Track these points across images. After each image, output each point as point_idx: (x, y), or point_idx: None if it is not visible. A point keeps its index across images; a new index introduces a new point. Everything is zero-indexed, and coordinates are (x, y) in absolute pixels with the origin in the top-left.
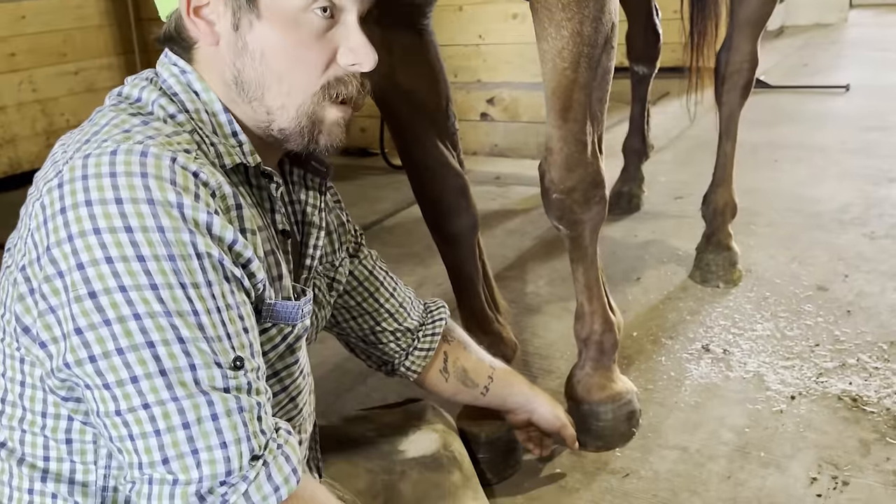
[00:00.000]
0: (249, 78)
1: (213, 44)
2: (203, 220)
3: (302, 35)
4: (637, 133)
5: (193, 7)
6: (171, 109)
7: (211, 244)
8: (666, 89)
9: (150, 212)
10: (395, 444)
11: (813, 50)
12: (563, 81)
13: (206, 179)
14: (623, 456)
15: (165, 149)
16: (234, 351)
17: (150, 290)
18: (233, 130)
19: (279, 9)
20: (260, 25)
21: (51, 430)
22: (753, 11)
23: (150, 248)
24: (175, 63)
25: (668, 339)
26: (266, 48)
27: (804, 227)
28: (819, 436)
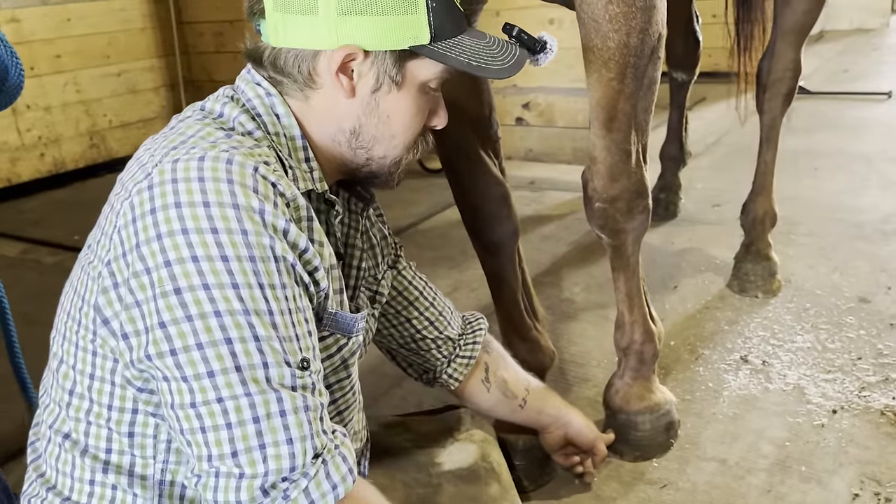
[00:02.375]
0: (368, 133)
1: (346, 98)
2: (281, 226)
3: (422, 104)
4: (675, 139)
5: (342, 64)
6: (249, 126)
7: (287, 249)
8: (703, 94)
9: (234, 215)
10: (432, 456)
11: (854, 56)
12: (609, 92)
13: (284, 190)
14: (660, 467)
15: (249, 158)
16: (302, 352)
17: (232, 288)
18: (307, 157)
19: (416, 81)
20: (396, 92)
21: (115, 422)
22: (798, 19)
23: (233, 248)
24: (259, 83)
25: (706, 350)
26: (393, 112)
27: (845, 237)
28: (861, 451)
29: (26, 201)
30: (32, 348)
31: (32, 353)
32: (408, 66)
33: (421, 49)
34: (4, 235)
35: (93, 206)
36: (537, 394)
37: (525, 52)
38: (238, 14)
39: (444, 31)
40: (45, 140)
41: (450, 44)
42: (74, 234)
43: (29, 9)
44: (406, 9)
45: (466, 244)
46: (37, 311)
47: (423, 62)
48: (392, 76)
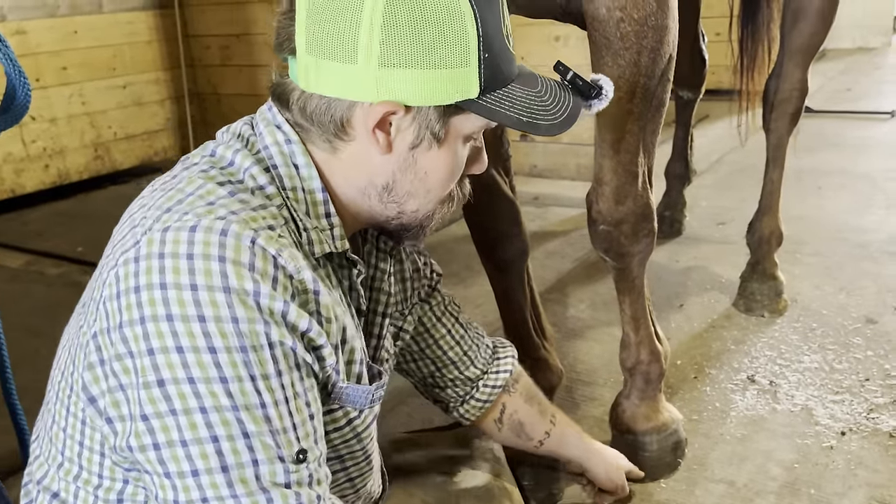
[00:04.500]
0: (402, 188)
1: (381, 154)
2: (279, 308)
3: (461, 158)
4: (680, 157)
5: (381, 119)
6: (261, 180)
7: (285, 333)
8: (706, 112)
9: (224, 301)
10: (449, 474)
11: (856, 75)
12: (618, 112)
13: (286, 263)
14: (668, 488)
15: (247, 226)
16: (299, 442)
17: (220, 383)
18: (327, 211)
19: (459, 135)
20: (436, 150)
21: (105, 490)
22: (805, 40)
23: (222, 339)
24: (280, 126)
25: (713, 369)
26: (432, 168)
27: (851, 256)
28: (871, 474)
29: (30, 212)
30: (39, 363)
31: (40, 369)
32: (452, 121)
33: (468, 104)
34: (8, 247)
35: (97, 218)
36: (558, 437)
37: (578, 100)
38: (244, 28)
39: (495, 82)
40: (49, 151)
41: (499, 96)
42: (78, 245)
43: (35, 21)
44: (456, 62)
45: (472, 260)
46: (43, 323)
47: (470, 116)
48: (434, 132)
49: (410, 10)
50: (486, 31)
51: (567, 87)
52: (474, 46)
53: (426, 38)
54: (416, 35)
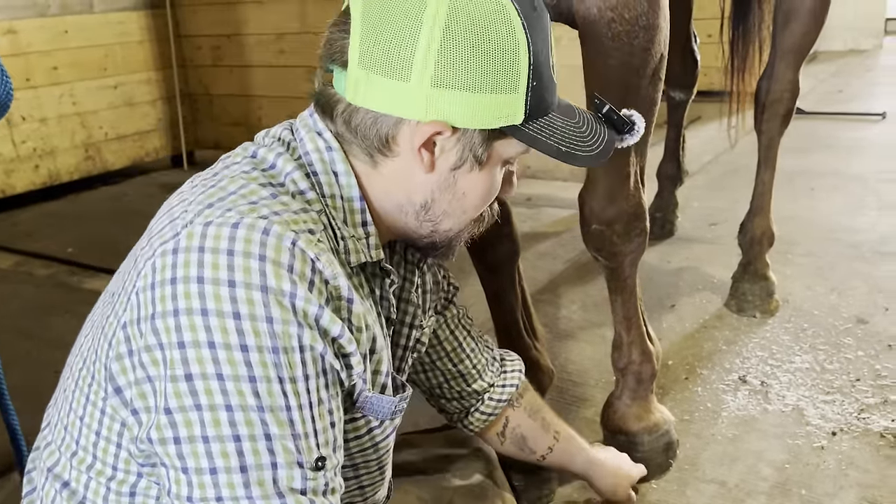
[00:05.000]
0: (440, 207)
1: (424, 172)
2: (313, 312)
3: (497, 182)
4: (672, 158)
5: (427, 140)
6: (302, 185)
7: (316, 337)
8: (698, 113)
9: (261, 300)
10: (443, 472)
11: (847, 77)
12: None
13: (323, 268)
14: (659, 488)
15: (289, 227)
16: (319, 449)
17: (248, 382)
18: (363, 220)
19: (500, 159)
20: (477, 173)
21: (118, 482)
22: (796, 41)
23: (255, 337)
24: (321, 133)
25: (705, 370)
26: (470, 190)
27: (843, 257)
28: (861, 474)
29: (20, 213)
30: (29, 364)
31: (29, 370)
32: (495, 145)
33: (512, 130)
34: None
35: (87, 219)
36: (561, 452)
37: (612, 133)
38: (235, 29)
39: (538, 111)
40: (39, 152)
41: (541, 124)
42: (68, 246)
43: (26, 20)
44: (506, 88)
45: (462, 260)
46: (33, 325)
47: (511, 142)
48: (477, 155)
49: (469, 33)
50: (538, 60)
51: (601, 120)
52: (525, 74)
53: (481, 62)
54: (471, 58)
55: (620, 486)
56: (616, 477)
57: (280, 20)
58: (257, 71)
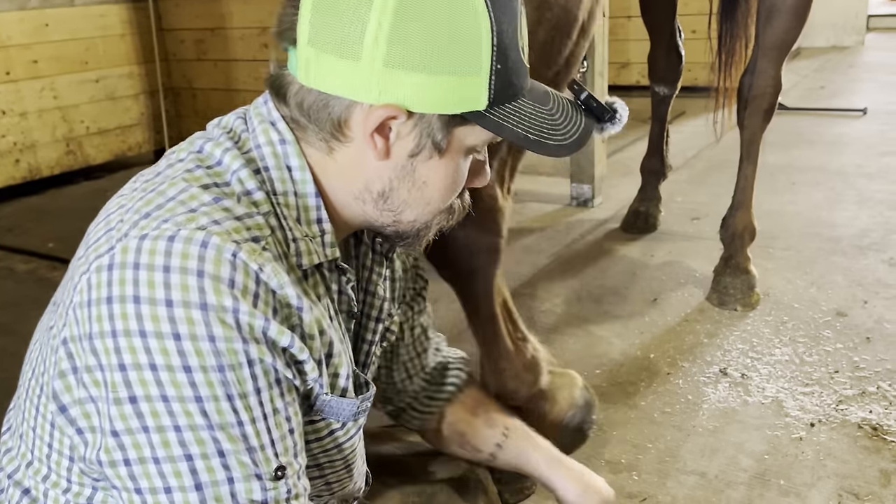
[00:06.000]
0: (399, 197)
1: (378, 159)
2: (259, 325)
3: (463, 170)
4: (656, 153)
5: (380, 123)
6: (249, 185)
7: (264, 350)
8: (682, 109)
9: (202, 318)
10: (424, 465)
11: (829, 73)
12: None
13: (268, 278)
14: (640, 480)
15: (230, 238)
16: (278, 458)
17: (195, 402)
18: (318, 217)
19: (462, 146)
20: (436, 160)
21: (74, 494)
22: (779, 37)
23: (198, 358)
24: (275, 124)
25: (686, 362)
26: (431, 179)
27: (822, 251)
28: (839, 465)
29: (0, 208)
30: (6, 361)
31: (7, 367)
32: (456, 131)
33: (475, 116)
34: None
35: (69, 214)
36: (514, 451)
37: (590, 122)
38: (219, 22)
39: (505, 95)
40: (20, 146)
41: (508, 110)
42: (49, 241)
43: (5, 13)
44: (466, 69)
45: None
46: (14, 320)
47: (475, 129)
48: (436, 142)
49: (425, 9)
50: (502, 41)
51: (580, 108)
52: (487, 56)
53: (438, 41)
54: (427, 37)
55: (589, 497)
56: (584, 485)
57: (264, 14)
58: (241, 65)
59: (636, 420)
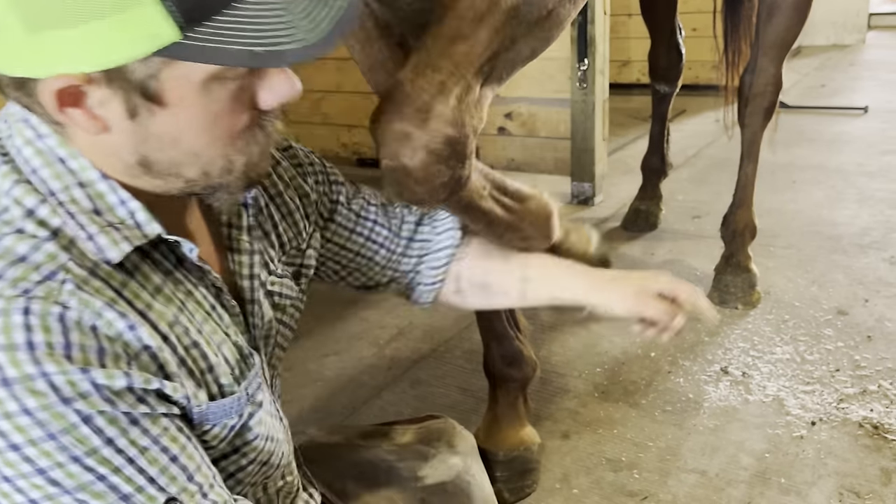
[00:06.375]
0: (159, 159)
1: (98, 132)
2: (80, 379)
3: (217, 106)
4: (657, 151)
5: (65, 96)
6: (29, 203)
7: (98, 401)
8: (683, 107)
9: (8, 395)
10: (415, 470)
11: (830, 71)
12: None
13: (79, 316)
14: (641, 478)
15: (48, 300)
16: (164, 491)
17: (38, 475)
18: (119, 199)
19: (190, 85)
20: (164, 112)
21: None
22: (779, 35)
23: (21, 434)
24: (26, 120)
25: (687, 361)
26: (177, 133)
27: (823, 250)
28: (840, 463)
29: None
30: None
31: None
32: (164, 75)
33: (172, 51)
34: None
35: None
36: (543, 277)
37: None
38: None
39: (202, 10)
40: None
41: (217, 27)
42: None
43: None
44: (118, 5)
45: None
46: None
47: (184, 65)
48: (149, 94)
49: None
50: None
51: None
52: None
53: None
54: None
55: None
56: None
57: None
58: None
59: (637, 418)
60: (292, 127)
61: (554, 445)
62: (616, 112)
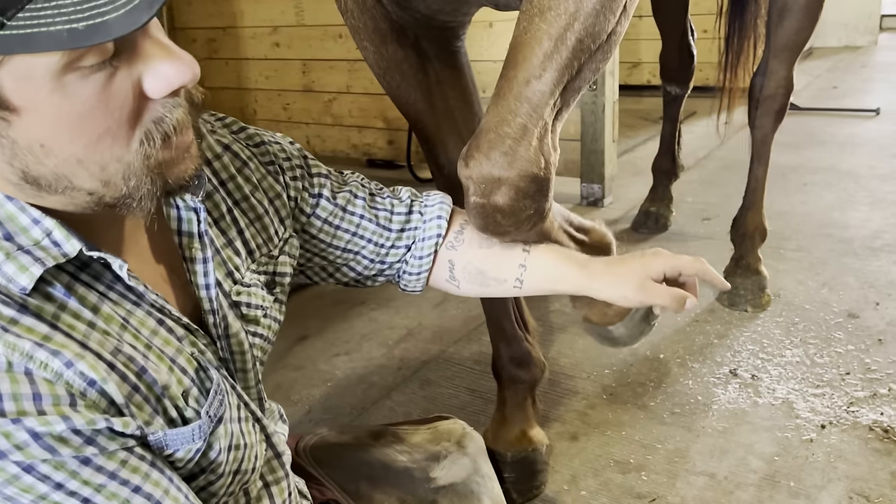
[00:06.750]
0: (42, 173)
1: None
2: (13, 430)
3: (82, 104)
4: (667, 153)
5: None
6: None
7: (36, 450)
8: (693, 109)
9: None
10: (427, 470)
11: (842, 73)
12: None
13: (27, 367)
14: (649, 480)
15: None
16: None
17: None
18: (32, 218)
19: (31, 89)
20: (20, 119)
21: None
22: (790, 37)
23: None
24: None
25: (696, 363)
26: (43, 139)
27: (834, 252)
28: (850, 467)
29: None
30: None
31: None
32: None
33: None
34: None
35: None
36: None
37: None
38: (231, 21)
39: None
40: None
41: (36, 10)
42: None
43: None
44: None
45: None
46: None
47: (17, 61)
48: None
49: None
50: None
51: None
52: None
53: None
54: None
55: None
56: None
57: (275, 13)
58: (252, 64)
59: (645, 420)
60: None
61: (562, 447)
62: (626, 113)
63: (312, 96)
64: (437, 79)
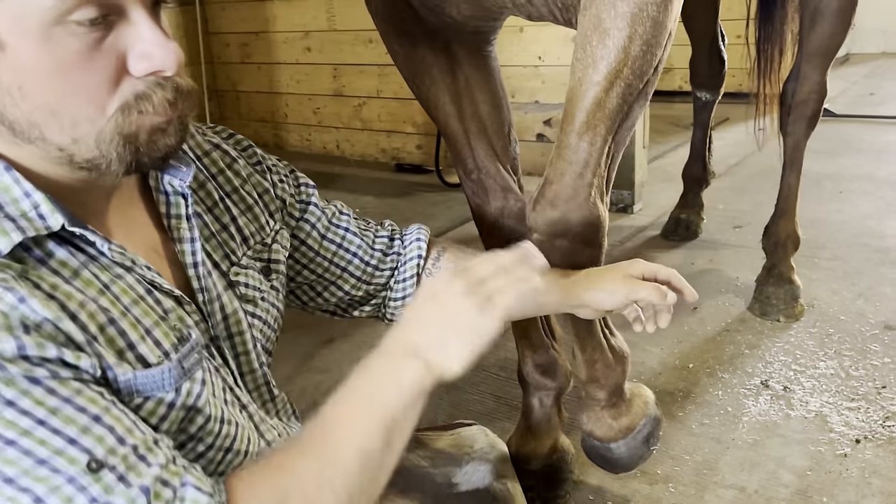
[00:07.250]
0: (16, 117)
1: None
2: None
3: (67, 57)
4: (698, 159)
5: None
6: None
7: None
8: (726, 115)
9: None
10: (449, 476)
11: (879, 79)
12: (589, 103)
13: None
14: (677, 492)
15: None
16: (89, 453)
17: None
18: (24, 190)
19: (20, 30)
20: (5, 56)
21: None
22: (823, 42)
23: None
24: None
25: (726, 374)
26: (23, 81)
27: (871, 262)
28: (885, 483)
29: None
30: None
31: None
32: None
33: None
34: None
35: None
36: None
37: None
38: (263, 26)
39: None
40: None
41: None
42: None
43: None
44: None
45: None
46: None
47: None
48: None
49: None
50: None
51: None
52: None
53: None
54: None
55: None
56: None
57: (307, 18)
58: (284, 68)
59: (673, 431)
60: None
61: None
62: (657, 119)
63: (342, 100)
64: (467, 83)
